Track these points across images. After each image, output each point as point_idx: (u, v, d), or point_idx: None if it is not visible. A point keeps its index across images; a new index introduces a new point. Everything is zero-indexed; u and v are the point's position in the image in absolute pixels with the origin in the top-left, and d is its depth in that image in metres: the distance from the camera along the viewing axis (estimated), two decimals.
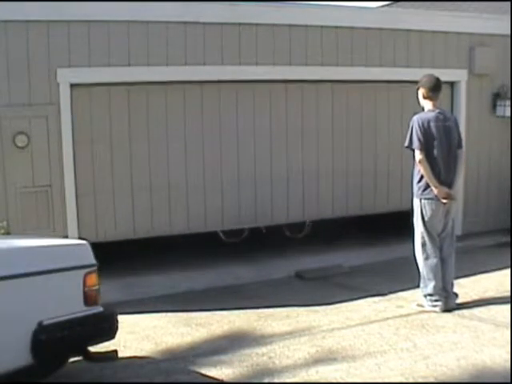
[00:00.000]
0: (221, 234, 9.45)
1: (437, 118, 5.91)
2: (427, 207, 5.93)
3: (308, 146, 8.63)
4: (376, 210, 9.27)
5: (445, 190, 5.85)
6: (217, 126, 8.11)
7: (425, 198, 5.92)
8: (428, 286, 6.00)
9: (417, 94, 6.10)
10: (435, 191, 5.84)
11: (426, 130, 5.84)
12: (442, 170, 5.89)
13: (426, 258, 6.00)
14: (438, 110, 5.98)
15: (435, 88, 6.00)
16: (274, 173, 8.46)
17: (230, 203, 8.23)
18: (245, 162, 8.28)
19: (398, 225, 8.03)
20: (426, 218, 5.95)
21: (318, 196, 8.78)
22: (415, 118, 5.95)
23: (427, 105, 6.01)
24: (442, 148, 5.88)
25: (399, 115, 8.79)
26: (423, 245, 6.01)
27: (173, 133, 7.87)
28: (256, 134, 8.32)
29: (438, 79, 6.04)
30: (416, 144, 5.84)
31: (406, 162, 6.76)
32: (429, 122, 5.87)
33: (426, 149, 5.83)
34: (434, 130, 5.86)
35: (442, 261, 6.03)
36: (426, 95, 6.00)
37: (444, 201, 5.86)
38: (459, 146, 6.08)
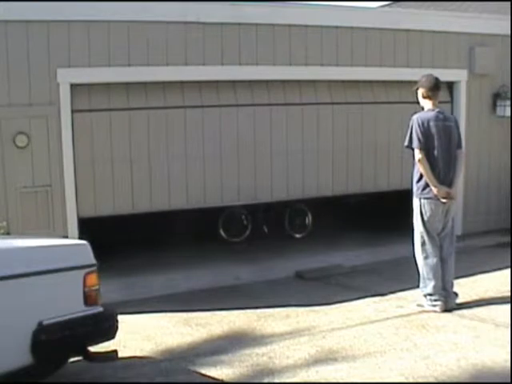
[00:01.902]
0: (222, 233, 9.47)
1: (437, 118, 5.91)
2: (426, 207, 5.92)
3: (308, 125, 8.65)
4: (376, 189, 9.25)
5: (444, 189, 5.84)
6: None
7: (424, 198, 5.92)
8: (428, 285, 6.00)
9: (416, 94, 6.10)
10: (435, 191, 5.83)
11: (425, 130, 5.83)
12: (442, 169, 5.89)
13: (426, 258, 6.00)
14: (437, 110, 5.98)
15: (434, 88, 5.99)
16: (274, 150, 8.44)
17: (229, 180, 8.19)
18: (244, 137, 8.27)
19: (398, 221, 8.00)
20: (425, 218, 5.95)
21: (318, 174, 8.76)
22: (415, 117, 5.94)
23: (427, 104, 6.01)
24: (441, 147, 5.88)
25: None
26: (423, 244, 6.01)
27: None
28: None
29: (437, 79, 6.04)
30: (416, 143, 5.84)
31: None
32: (429, 122, 5.86)
33: (426, 148, 5.83)
34: (434, 129, 5.85)
35: (442, 260, 6.02)
36: (425, 95, 6.00)
37: (444, 200, 5.86)
38: (459, 146, 6.08)
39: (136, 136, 7.69)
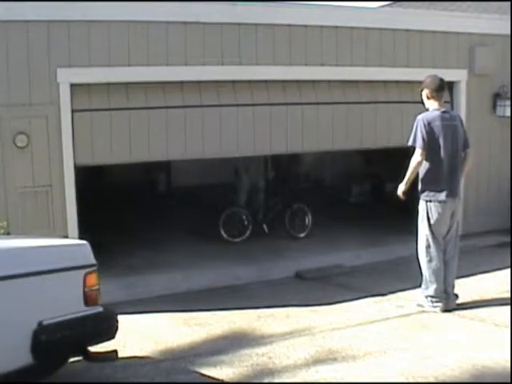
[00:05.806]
0: (223, 233, 9.46)
1: (442, 118, 5.87)
2: (433, 210, 5.88)
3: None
4: (377, 145, 9.22)
5: (403, 189, 5.92)
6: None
7: (431, 201, 5.90)
8: (430, 288, 5.98)
9: (421, 95, 6.07)
10: (400, 186, 5.92)
11: (430, 130, 5.79)
12: (446, 169, 5.84)
13: (430, 261, 5.96)
14: (443, 109, 5.96)
15: (439, 88, 5.97)
16: (273, 104, 8.37)
17: (229, 132, 8.13)
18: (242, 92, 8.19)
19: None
20: (431, 221, 5.90)
21: (318, 128, 8.67)
22: (420, 117, 5.90)
23: (432, 105, 5.98)
24: (446, 148, 5.84)
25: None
26: (427, 247, 5.97)
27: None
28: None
29: (441, 79, 6.01)
30: (419, 143, 5.79)
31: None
32: (434, 122, 5.82)
33: (431, 148, 5.80)
34: (439, 129, 5.81)
35: (445, 263, 5.99)
36: (430, 96, 5.97)
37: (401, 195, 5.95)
38: (466, 145, 6.06)
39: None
